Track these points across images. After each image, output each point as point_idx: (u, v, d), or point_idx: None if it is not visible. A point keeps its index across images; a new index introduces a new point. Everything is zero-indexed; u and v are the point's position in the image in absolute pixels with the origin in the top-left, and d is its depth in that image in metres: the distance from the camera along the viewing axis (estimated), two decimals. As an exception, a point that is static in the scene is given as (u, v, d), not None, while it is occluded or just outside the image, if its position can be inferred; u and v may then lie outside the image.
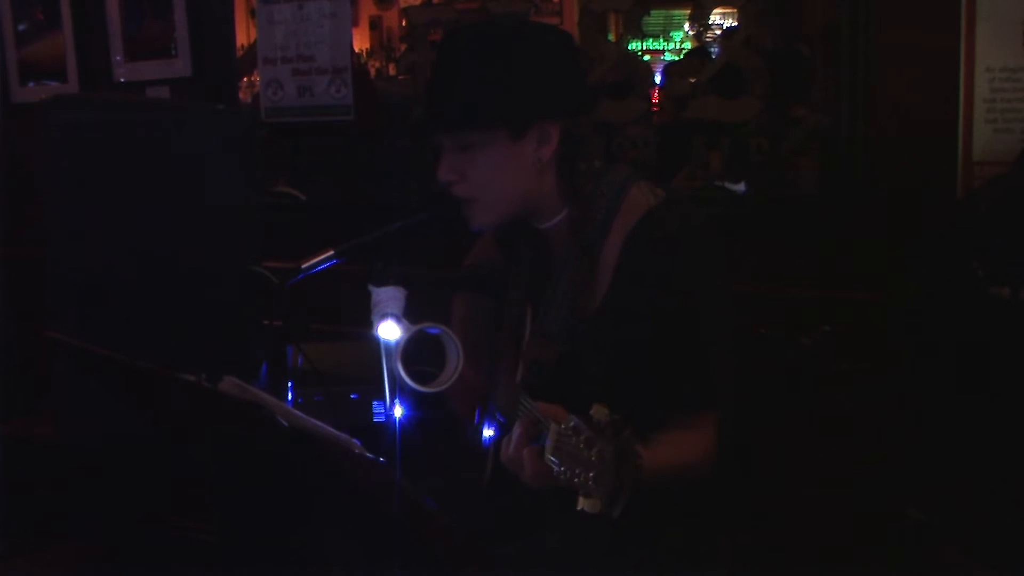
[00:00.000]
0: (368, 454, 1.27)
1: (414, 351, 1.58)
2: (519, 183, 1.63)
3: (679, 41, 6.55)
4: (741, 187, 2.81)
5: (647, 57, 5.72)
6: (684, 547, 1.65)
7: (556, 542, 1.60)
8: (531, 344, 1.68)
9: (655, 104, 3.47)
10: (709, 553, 1.68)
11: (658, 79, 3.66)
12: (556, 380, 1.61)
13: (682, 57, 5.10)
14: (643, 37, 3.43)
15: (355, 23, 6.52)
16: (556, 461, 1.25)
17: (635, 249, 1.60)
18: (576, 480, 1.20)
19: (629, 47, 3.30)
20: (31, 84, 3.88)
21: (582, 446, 1.20)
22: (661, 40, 6.46)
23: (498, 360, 1.78)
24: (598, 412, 1.22)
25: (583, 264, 1.63)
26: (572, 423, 1.23)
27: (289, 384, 2.09)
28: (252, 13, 3.81)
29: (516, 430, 1.41)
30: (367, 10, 7.12)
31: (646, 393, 1.54)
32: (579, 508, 1.19)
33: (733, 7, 3.02)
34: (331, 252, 1.72)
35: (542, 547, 1.60)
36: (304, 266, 1.72)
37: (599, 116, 2.92)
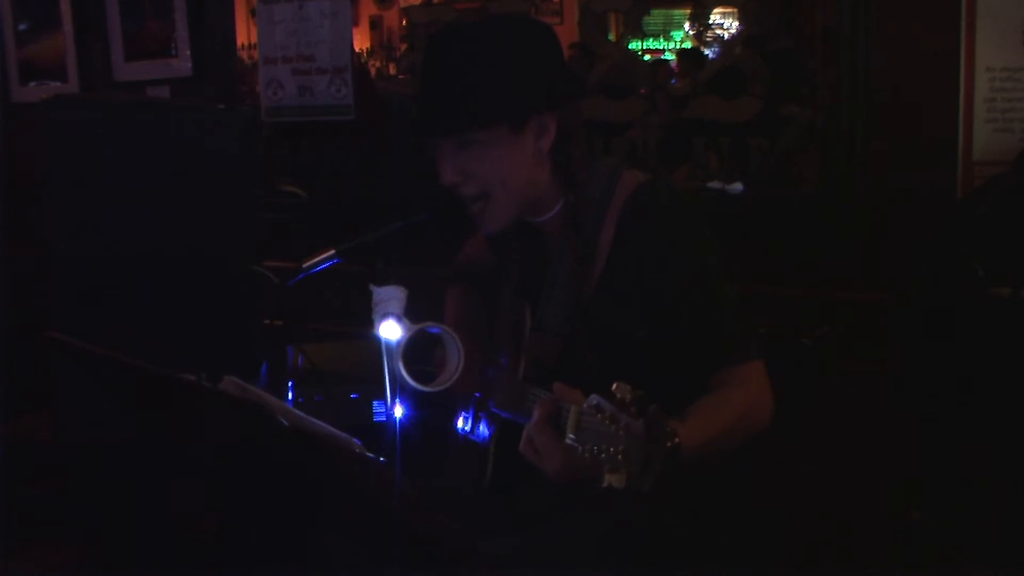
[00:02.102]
0: (368, 454, 1.27)
1: (415, 350, 1.58)
2: (523, 176, 1.64)
3: (679, 41, 6.55)
4: (738, 187, 2.82)
5: (647, 57, 5.72)
6: (684, 546, 1.65)
7: (557, 540, 1.60)
8: (532, 341, 1.69)
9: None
10: (709, 553, 1.68)
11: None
12: (557, 374, 1.61)
13: (677, 58, 5.10)
14: (643, 37, 3.42)
15: (355, 23, 6.52)
16: (576, 439, 1.25)
17: (628, 222, 1.63)
18: (602, 456, 1.19)
19: (629, 47, 3.30)
20: (31, 84, 3.88)
21: (607, 422, 1.20)
22: (661, 40, 6.46)
23: (495, 358, 1.78)
24: (620, 389, 1.21)
25: (581, 250, 1.64)
26: (594, 401, 1.23)
27: (289, 384, 2.09)
28: (252, 13, 3.81)
29: (535, 415, 1.41)
30: (367, 10, 7.12)
31: (647, 374, 1.55)
32: (605, 485, 1.18)
33: (733, 7, 3.02)
34: (332, 252, 1.72)
35: (543, 545, 1.60)
36: (305, 266, 1.72)
37: (598, 116, 2.93)
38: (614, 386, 1.22)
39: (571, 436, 1.27)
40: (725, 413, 1.52)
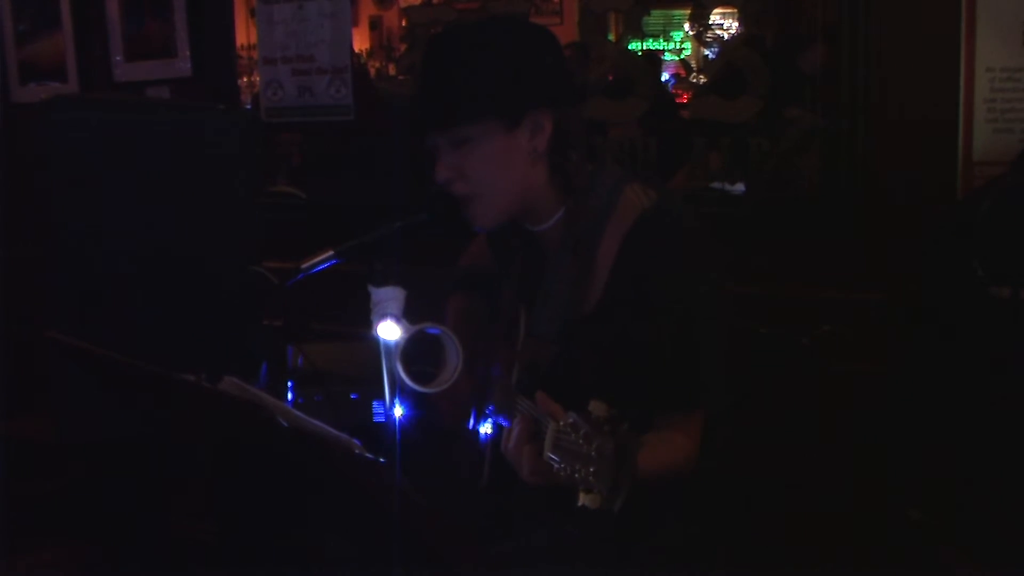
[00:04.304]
0: (368, 454, 1.27)
1: (414, 351, 1.58)
2: (516, 176, 1.63)
3: (679, 41, 6.54)
4: (740, 188, 2.82)
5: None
6: (683, 547, 1.65)
7: (555, 541, 1.60)
8: (525, 345, 1.69)
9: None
10: (709, 553, 1.68)
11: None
12: (550, 381, 1.61)
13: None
14: (643, 37, 3.42)
15: (355, 23, 6.52)
16: (555, 458, 1.25)
17: (632, 251, 1.60)
18: (576, 476, 1.20)
19: (629, 47, 3.29)
20: (31, 84, 3.88)
21: (581, 442, 1.20)
22: (661, 40, 6.45)
23: (493, 362, 1.78)
24: (596, 408, 1.22)
25: (578, 264, 1.63)
26: (571, 419, 1.24)
27: (289, 384, 2.09)
28: (252, 13, 3.81)
29: (515, 428, 1.42)
30: (367, 10, 7.11)
31: (640, 393, 1.54)
32: (580, 504, 1.19)
33: (733, 7, 3.02)
34: (331, 252, 1.72)
35: (541, 546, 1.60)
36: (304, 266, 1.72)
37: (598, 116, 2.93)
38: (591, 404, 1.22)
39: (549, 453, 1.28)
40: (673, 454, 1.54)
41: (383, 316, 1.60)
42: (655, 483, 1.47)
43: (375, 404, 2.12)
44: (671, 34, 6.56)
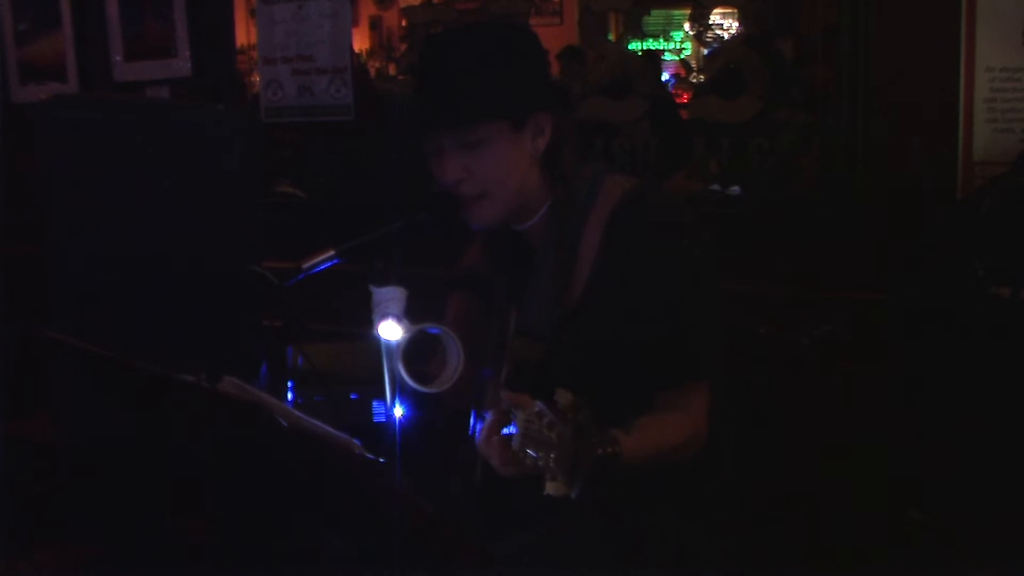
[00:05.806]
0: (368, 454, 1.27)
1: (415, 351, 1.58)
2: (520, 176, 1.66)
3: (679, 41, 6.54)
4: (736, 190, 2.82)
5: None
6: (683, 547, 1.65)
7: (552, 538, 1.60)
8: (514, 345, 1.69)
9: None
10: (709, 553, 1.68)
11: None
12: (540, 379, 1.61)
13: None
14: (643, 37, 3.44)
15: (355, 23, 6.52)
16: (525, 448, 1.26)
17: (614, 232, 1.63)
18: (540, 463, 1.21)
19: (629, 47, 3.30)
20: (31, 84, 3.88)
21: (545, 430, 1.21)
22: (661, 40, 6.45)
23: (488, 362, 1.79)
24: (562, 396, 1.22)
25: (563, 255, 1.64)
26: (536, 408, 1.24)
27: (289, 384, 2.09)
28: (252, 13, 3.81)
29: (486, 420, 1.43)
30: (367, 10, 7.11)
31: (633, 377, 1.55)
32: (546, 493, 1.20)
33: (733, 7, 3.02)
34: (331, 252, 1.72)
35: (539, 544, 1.60)
36: (304, 266, 1.72)
37: (598, 116, 2.94)
38: (556, 393, 1.23)
39: (518, 442, 1.28)
40: (670, 434, 1.54)
41: (384, 316, 1.60)
42: (654, 465, 1.48)
43: (375, 404, 2.12)
44: (671, 34, 6.56)
